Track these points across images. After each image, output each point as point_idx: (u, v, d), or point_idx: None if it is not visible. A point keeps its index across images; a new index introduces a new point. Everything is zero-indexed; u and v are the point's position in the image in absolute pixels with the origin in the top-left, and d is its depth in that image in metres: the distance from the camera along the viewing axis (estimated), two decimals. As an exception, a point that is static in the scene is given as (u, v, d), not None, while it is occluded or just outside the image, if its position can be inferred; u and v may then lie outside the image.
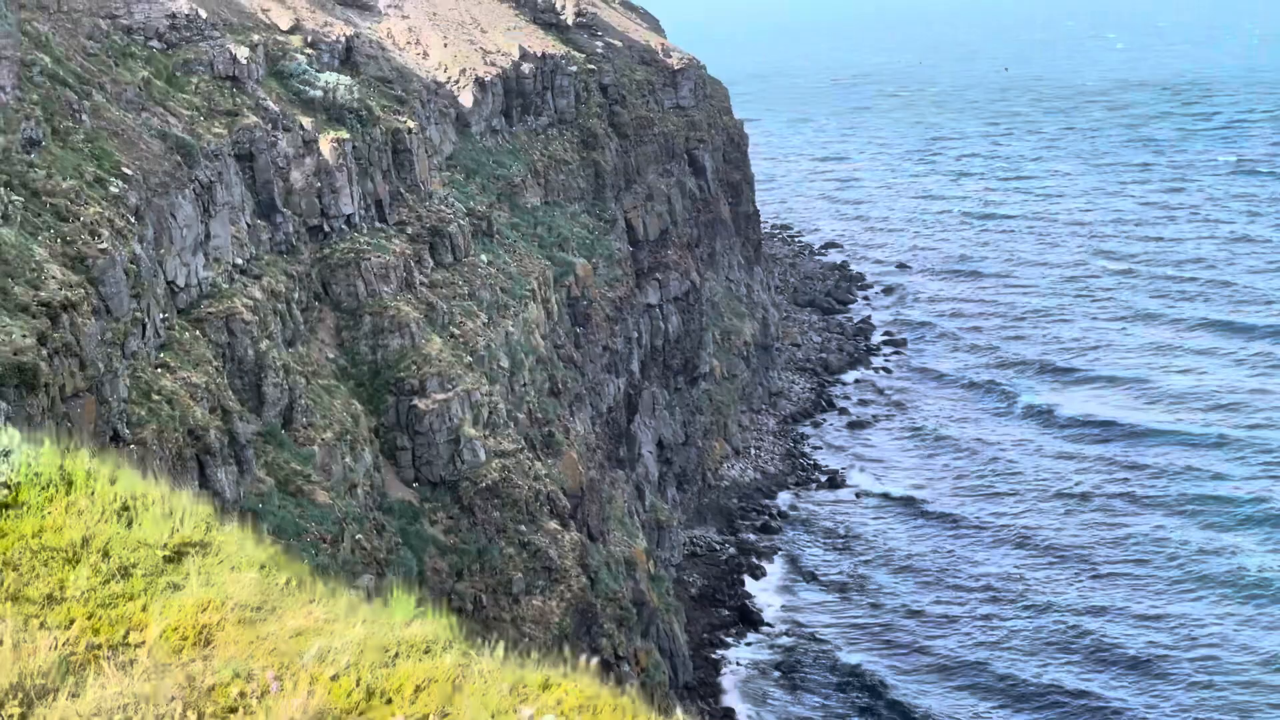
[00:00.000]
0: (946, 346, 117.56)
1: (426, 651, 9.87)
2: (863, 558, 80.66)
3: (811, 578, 78.78)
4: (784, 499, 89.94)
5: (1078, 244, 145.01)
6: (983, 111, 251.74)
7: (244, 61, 51.46)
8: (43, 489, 10.95)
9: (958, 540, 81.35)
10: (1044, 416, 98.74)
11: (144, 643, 9.60)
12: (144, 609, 9.95)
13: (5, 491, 10.85)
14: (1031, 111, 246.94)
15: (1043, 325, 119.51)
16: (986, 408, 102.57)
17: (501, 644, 10.51)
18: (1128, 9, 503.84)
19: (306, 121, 53.20)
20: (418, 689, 9.64)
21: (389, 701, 9.55)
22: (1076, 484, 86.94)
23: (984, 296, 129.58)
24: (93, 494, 11.02)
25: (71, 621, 9.71)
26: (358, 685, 9.53)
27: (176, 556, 10.59)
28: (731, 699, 66.60)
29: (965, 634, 71.04)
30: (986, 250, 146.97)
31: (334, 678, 9.48)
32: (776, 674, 69.01)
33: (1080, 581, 75.48)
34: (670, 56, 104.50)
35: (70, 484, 11.11)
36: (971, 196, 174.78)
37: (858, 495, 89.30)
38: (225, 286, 42.69)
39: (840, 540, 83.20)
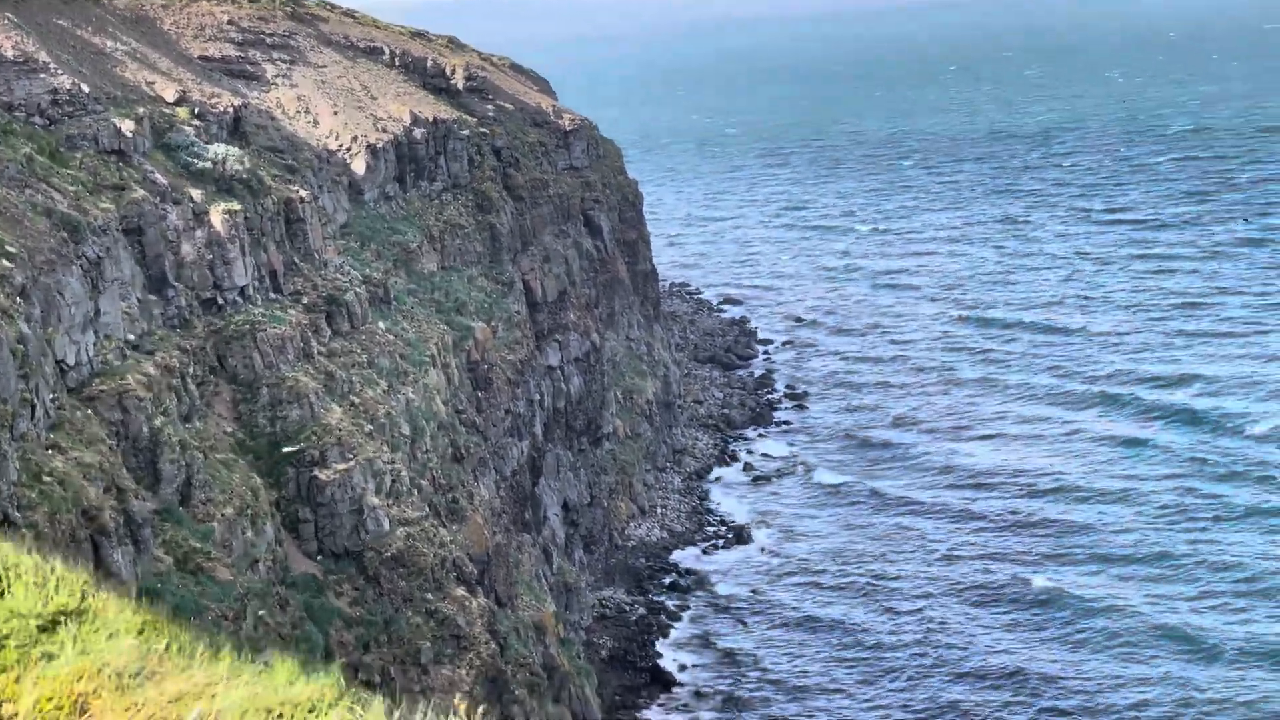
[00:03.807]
0: (844, 401, 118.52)
1: (311, 710, 9.67)
2: (770, 617, 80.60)
3: (721, 636, 78.61)
4: (691, 556, 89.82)
5: (956, 299, 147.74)
6: (864, 166, 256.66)
7: (129, 135, 50.80)
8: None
9: (862, 599, 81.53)
10: (939, 473, 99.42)
11: (16, 715, 9.30)
12: (17, 680, 9.65)
13: None
14: (909, 166, 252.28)
15: (931, 379, 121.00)
16: (884, 463, 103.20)
17: (384, 700, 10.31)
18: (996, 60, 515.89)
19: (196, 194, 52.58)
20: (301, 748, 9.45)
21: (272, 761, 9.34)
22: (970, 543, 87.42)
23: (877, 352, 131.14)
24: (-40, 567, 10.70)
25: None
26: (239, 747, 9.31)
27: (51, 625, 10.31)
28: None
29: (869, 698, 71.19)
30: (873, 305, 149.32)
31: (213, 740, 9.24)
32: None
33: (987, 642, 76.10)
34: (562, 118, 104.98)
35: (-62, 559, 10.77)
36: (855, 251, 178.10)
37: (762, 551, 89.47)
38: (117, 364, 41.87)
39: (748, 599, 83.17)
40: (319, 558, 48.40)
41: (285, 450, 48.62)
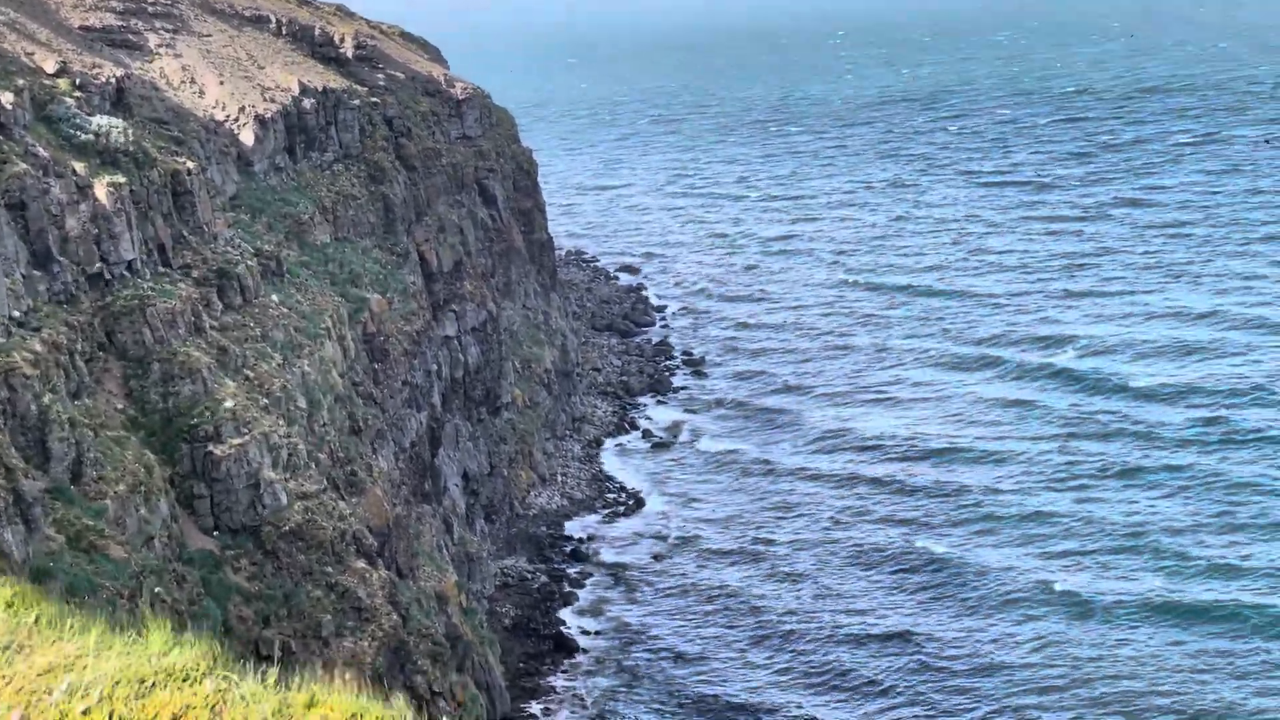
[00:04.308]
0: (740, 368, 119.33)
1: (185, 679, 9.64)
2: (670, 583, 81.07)
3: (622, 603, 79.04)
4: (592, 523, 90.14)
5: (847, 264, 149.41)
6: (754, 133, 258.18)
7: (9, 107, 49.64)
8: None
9: (758, 565, 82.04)
10: (831, 438, 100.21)
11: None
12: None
13: None
14: (798, 131, 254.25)
15: (824, 345, 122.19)
16: (778, 429, 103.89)
17: (265, 667, 10.26)
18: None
19: (79, 167, 51.53)
20: (175, 717, 9.43)
21: (143, 732, 9.30)
22: (861, 507, 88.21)
23: (771, 318, 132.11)
24: None
25: None
26: (110, 718, 9.25)
27: (-85, 601, 10.17)
28: (552, 727, 66.45)
29: (764, 663, 71.89)
30: (767, 271, 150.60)
31: (85, 712, 9.17)
32: (595, 698, 69.01)
33: (874, 611, 77.15)
34: (454, 86, 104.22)
35: None
36: (747, 217, 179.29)
37: (662, 517, 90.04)
38: (2, 341, 41.05)
39: (648, 565, 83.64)
40: (216, 534, 47.90)
41: (193, 423, 47.99)
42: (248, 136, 73.33)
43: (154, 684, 9.75)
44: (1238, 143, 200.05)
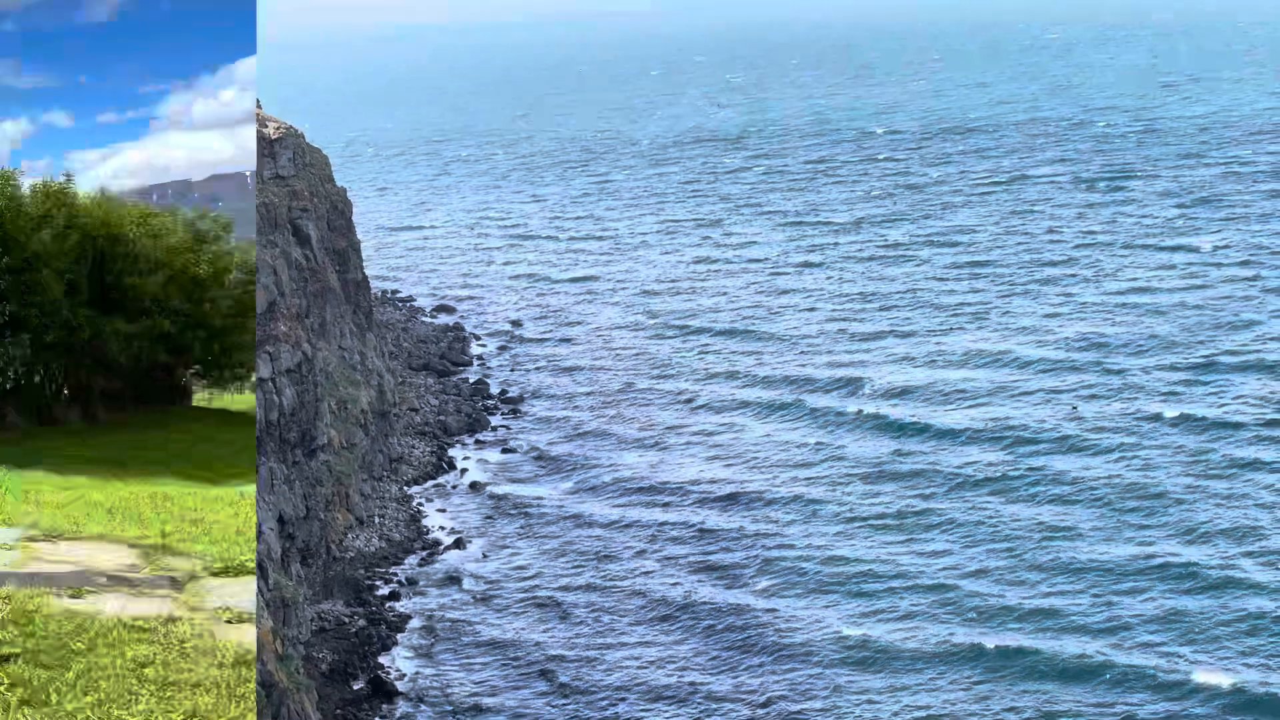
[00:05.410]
0: (552, 412, 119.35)
1: None
2: (481, 628, 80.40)
3: (439, 646, 79.04)
4: (410, 566, 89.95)
5: (654, 306, 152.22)
6: (565, 172, 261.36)
7: None
8: None
9: (569, 614, 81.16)
10: (641, 483, 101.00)
11: None
12: None
13: None
14: (606, 171, 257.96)
15: (634, 389, 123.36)
16: (589, 471, 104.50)
17: None
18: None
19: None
20: None
21: None
22: (667, 555, 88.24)
23: (583, 360, 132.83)
24: None
25: None
26: None
27: None
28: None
29: (552, 709, 71.83)
30: (578, 313, 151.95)
31: None
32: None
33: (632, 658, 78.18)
34: (267, 126, 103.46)
35: None
36: (560, 259, 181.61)
37: (484, 557, 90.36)
38: None
39: (464, 608, 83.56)
40: None
41: None
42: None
43: None
44: (1036, 182, 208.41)
